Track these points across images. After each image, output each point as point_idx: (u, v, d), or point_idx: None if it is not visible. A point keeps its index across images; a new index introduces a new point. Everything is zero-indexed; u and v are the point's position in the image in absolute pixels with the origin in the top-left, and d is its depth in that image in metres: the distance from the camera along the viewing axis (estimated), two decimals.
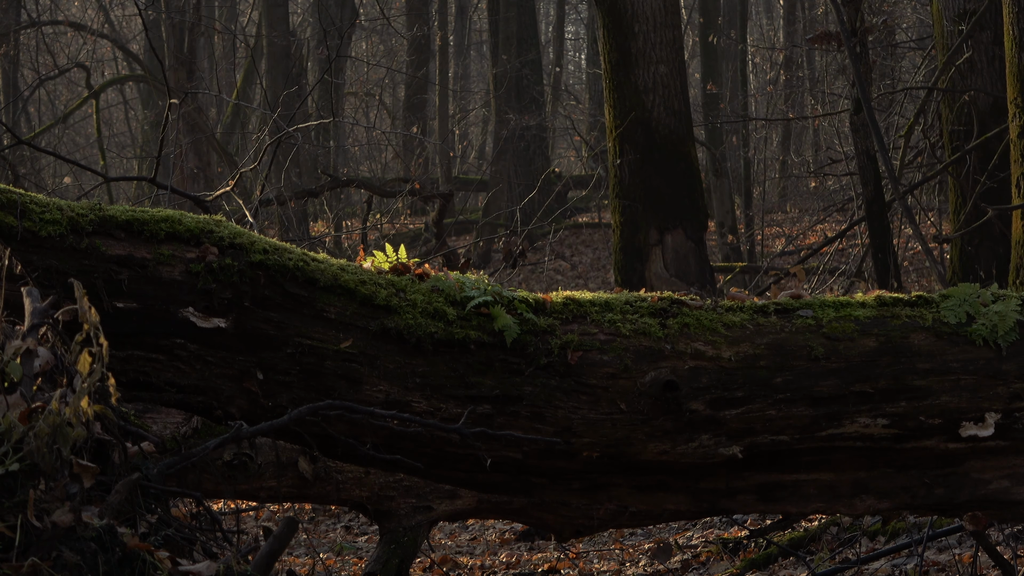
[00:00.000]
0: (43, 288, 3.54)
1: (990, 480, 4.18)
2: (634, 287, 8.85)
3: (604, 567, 7.50)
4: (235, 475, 4.85)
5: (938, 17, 11.04)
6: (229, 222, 3.85)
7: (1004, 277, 8.62)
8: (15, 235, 3.58)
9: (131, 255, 3.67)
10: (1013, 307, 4.10)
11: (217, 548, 3.38)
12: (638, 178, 10.84)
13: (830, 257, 14.84)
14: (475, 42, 29.52)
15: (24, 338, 3.27)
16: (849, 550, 6.92)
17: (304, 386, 3.74)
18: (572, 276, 19.55)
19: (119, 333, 3.55)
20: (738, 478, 4.05)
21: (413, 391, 3.78)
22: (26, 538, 2.87)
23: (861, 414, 3.99)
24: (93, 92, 19.37)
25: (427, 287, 3.89)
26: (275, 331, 3.72)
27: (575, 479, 4.07)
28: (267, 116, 10.31)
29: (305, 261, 3.79)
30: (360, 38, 27.36)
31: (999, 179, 10.36)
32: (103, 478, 3.18)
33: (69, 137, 24.07)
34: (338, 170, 21.50)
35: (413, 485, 5.19)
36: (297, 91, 18.01)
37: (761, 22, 30.03)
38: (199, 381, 3.72)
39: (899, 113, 13.97)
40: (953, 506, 4.24)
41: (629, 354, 3.93)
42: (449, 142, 23.85)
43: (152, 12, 18.29)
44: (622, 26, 10.96)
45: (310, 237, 16.14)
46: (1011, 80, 7.64)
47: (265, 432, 3.59)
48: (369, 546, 8.36)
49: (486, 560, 7.88)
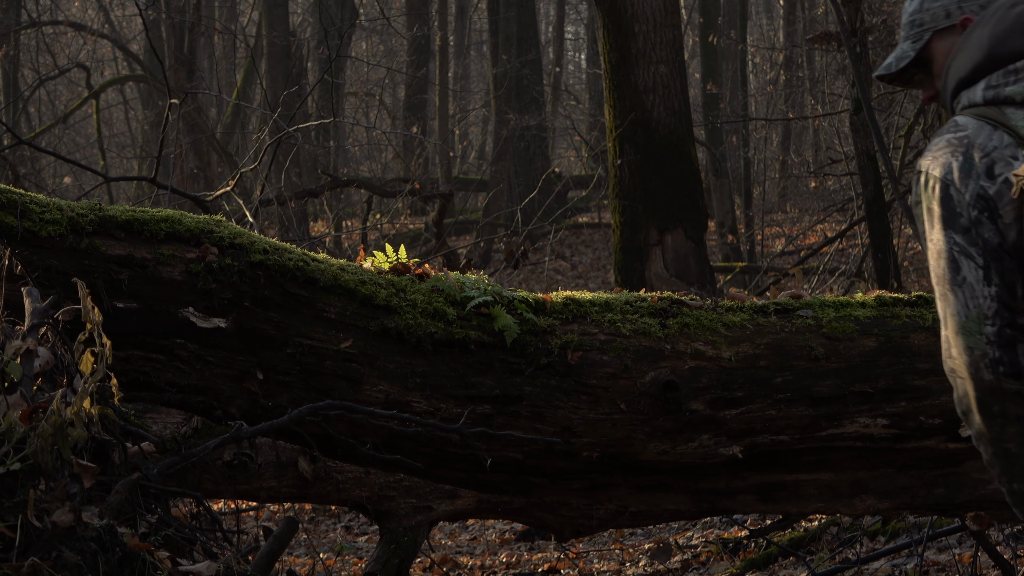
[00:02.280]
0: (43, 288, 3.54)
1: (990, 480, 4.18)
2: (634, 287, 8.86)
3: (604, 567, 7.50)
4: (235, 475, 4.85)
5: None
6: (229, 222, 3.85)
7: None
8: (15, 235, 3.58)
9: (131, 255, 3.67)
10: None
11: (217, 548, 3.39)
12: (638, 178, 10.84)
13: (830, 257, 14.85)
14: (475, 42, 29.53)
15: (24, 338, 3.27)
16: (849, 550, 6.93)
17: (304, 386, 3.74)
18: (572, 276, 19.55)
19: (119, 333, 3.55)
20: (738, 478, 4.05)
21: (413, 391, 3.78)
22: (26, 538, 2.87)
23: (861, 414, 3.99)
24: (93, 92, 19.38)
25: (427, 287, 3.89)
26: (275, 331, 3.72)
27: (575, 479, 4.07)
28: (267, 116, 10.32)
29: (305, 261, 3.79)
30: (360, 38, 27.38)
31: None
32: (103, 478, 3.19)
33: (69, 137, 24.07)
34: (338, 170, 21.51)
35: (413, 485, 5.19)
36: (297, 91, 18.00)
37: (761, 22, 30.03)
38: (199, 381, 3.72)
39: (899, 113, 13.97)
40: (953, 506, 4.24)
41: (629, 354, 3.93)
42: (449, 142, 23.85)
43: (152, 12, 18.30)
44: (622, 26, 10.96)
45: (310, 237, 16.14)
46: None
47: (265, 432, 3.60)
48: (369, 546, 8.36)
49: (486, 560, 7.88)
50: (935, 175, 2.83)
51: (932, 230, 2.82)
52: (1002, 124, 2.83)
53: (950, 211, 2.80)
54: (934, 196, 2.82)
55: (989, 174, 2.80)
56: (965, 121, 2.87)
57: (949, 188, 2.80)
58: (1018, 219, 2.77)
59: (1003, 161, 2.80)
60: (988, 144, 2.82)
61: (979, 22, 2.93)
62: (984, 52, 2.89)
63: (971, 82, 2.91)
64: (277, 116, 8.62)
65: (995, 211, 2.78)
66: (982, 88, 2.89)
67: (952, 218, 2.79)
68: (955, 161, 2.81)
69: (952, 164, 2.82)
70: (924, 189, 2.84)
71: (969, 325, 2.77)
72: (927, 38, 3.02)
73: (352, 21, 19.70)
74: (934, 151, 2.85)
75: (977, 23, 2.93)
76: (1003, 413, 2.77)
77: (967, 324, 2.76)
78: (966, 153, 2.82)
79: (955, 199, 2.80)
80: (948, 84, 2.96)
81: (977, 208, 2.79)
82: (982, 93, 2.89)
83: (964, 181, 2.80)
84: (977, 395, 2.78)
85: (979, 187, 2.79)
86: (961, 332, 2.77)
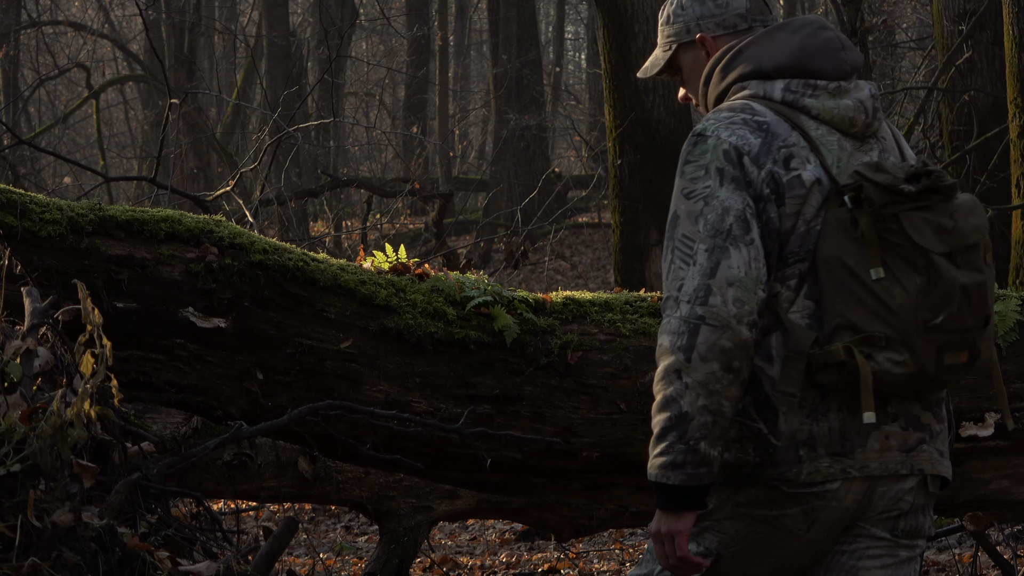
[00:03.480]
0: (43, 288, 3.54)
1: (990, 480, 4.18)
2: (634, 287, 8.86)
3: (604, 567, 7.50)
4: (235, 475, 4.85)
5: (938, 17, 11.04)
6: (229, 222, 3.85)
7: (1004, 277, 8.62)
8: (15, 235, 3.58)
9: (131, 255, 3.67)
10: (1013, 307, 4.10)
11: (217, 548, 3.39)
12: (638, 178, 10.84)
13: None
14: (475, 42, 29.53)
15: (24, 338, 3.27)
16: None
17: (304, 386, 3.74)
18: (572, 276, 19.55)
19: (119, 333, 3.55)
20: None
21: (413, 391, 3.78)
22: (26, 538, 2.87)
23: None
24: (93, 92, 19.37)
25: (427, 287, 3.90)
26: (275, 331, 3.72)
27: (575, 479, 4.07)
28: (267, 116, 10.32)
29: (305, 261, 3.79)
30: (360, 38, 27.37)
31: (999, 179, 10.37)
32: (103, 478, 3.19)
33: (69, 137, 24.07)
34: (338, 170, 21.50)
35: (413, 485, 5.18)
36: (297, 91, 18.00)
37: None
38: (199, 381, 3.72)
39: (899, 113, 13.97)
40: (953, 506, 4.24)
41: (629, 354, 3.93)
42: (449, 142, 23.85)
43: (152, 12, 18.30)
44: (622, 26, 10.96)
45: (310, 237, 16.15)
46: (1011, 80, 7.64)
47: (265, 432, 3.60)
48: (369, 546, 8.36)
49: (486, 560, 7.88)
50: (731, 141, 2.99)
51: (722, 188, 2.96)
52: (798, 127, 3.03)
53: (745, 176, 2.98)
54: (728, 160, 2.98)
55: (786, 164, 2.99)
56: (763, 109, 3.05)
57: (743, 158, 2.98)
58: (796, 215, 2.98)
59: (799, 158, 3.01)
60: (788, 138, 3.02)
61: (782, 28, 3.13)
62: (792, 57, 3.08)
63: (768, 76, 3.09)
64: (277, 116, 8.62)
65: (782, 198, 2.98)
66: (781, 88, 3.07)
67: (747, 183, 2.97)
68: (755, 139, 3.00)
69: (751, 140, 2.99)
70: (713, 148, 3.00)
71: (747, 282, 2.91)
72: (673, 49, 3.25)
73: (352, 21, 19.70)
74: (726, 122, 3.03)
75: (778, 28, 3.13)
76: (739, 370, 2.90)
77: (744, 280, 2.91)
78: (766, 137, 3.01)
79: (748, 169, 2.98)
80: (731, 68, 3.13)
81: (768, 188, 2.98)
82: (781, 92, 3.07)
83: (762, 159, 2.99)
84: (728, 345, 2.88)
85: (774, 170, 2.98)
86: (736, 285, 2.90)
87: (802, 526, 3.00)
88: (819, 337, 2.97)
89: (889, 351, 2.94)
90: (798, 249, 3.00)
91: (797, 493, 2.98)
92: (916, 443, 3.05)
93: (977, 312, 2.97)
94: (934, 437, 3.08)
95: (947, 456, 3.11)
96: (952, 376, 3.00)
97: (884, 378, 2.95)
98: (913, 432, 3.04)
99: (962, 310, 2.95)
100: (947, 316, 2.93)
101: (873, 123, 3.11)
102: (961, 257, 2.96)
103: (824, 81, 3.08)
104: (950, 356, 2.96)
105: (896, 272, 2.93)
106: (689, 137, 3.06)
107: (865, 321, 2.94)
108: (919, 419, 3.05)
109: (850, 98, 3.09)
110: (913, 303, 2.92)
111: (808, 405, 2.98)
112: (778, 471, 2.98)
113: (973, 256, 2.97)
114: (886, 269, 2.93)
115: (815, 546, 3.03)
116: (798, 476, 2.98)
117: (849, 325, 2.95)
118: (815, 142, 3.03)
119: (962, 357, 2.97)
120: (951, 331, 2.94)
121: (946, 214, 2.95)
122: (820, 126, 3.06)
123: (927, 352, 2.94)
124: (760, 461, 2.98)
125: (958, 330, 2.95)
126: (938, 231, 2.94)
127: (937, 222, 2.94)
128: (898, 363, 2.94)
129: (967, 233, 2.97)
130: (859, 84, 3.12)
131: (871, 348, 2.94)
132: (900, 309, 2.92)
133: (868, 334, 2.94)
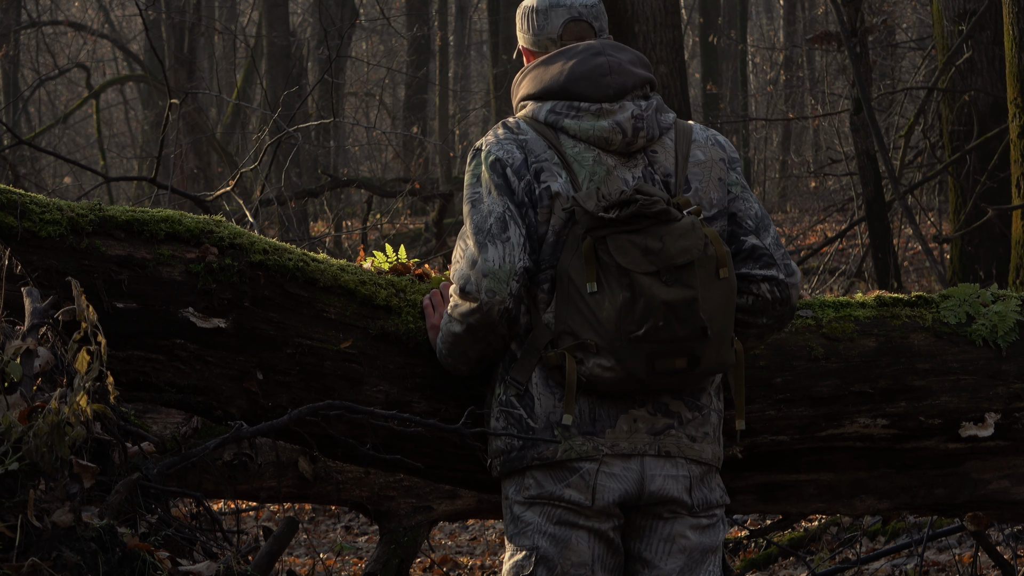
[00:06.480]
0: (43, 288, 3.54)
1: (990, 480, 4.18)
2: None
3: None
4: (235, 475, 4.84)
5: (938, 17, 11.04)
6: (229, 222, 3.85)
7: (1004, 277, 8.62)
8: (15, 235, 3.58)
9: (131, 255, 3.66)
10: (1013, 307, 4.10)
11: (217, 548, 3.39)
12: None
13: (830, 257, 14.85)
14: (475, 42, 29.52)
15: (24, 338, 3.27)
16: (849, 550, 6.93)
17: (304, 386, 3.74)
18: None
19: (119, 333, 3.55)
20: (738, 478, 4.05)
21: (413, 391, 3.78)
22: (26, 538, 2.87)
23: (861, 414, 3.99)
24: (93, 92, 19.36)
25: (427, 287, 3.90)
26: (275, 331, 3.72)
27: None
28: (267, 116, 10.32)
29: (305, 261, 3.79)
30: (360, 38, 27.38)
31: (999, 179, 10.37)
32: (103, 478, 3.18)
33: (69, 137, 24.07)
34: (338, 170, 21.51)
35: (413, 485, 5.18)
36: (297, 91, 17.99)
37: (761, 22, 30.04)
38: (199, 381, 3.72)
39: (899, 113, 13.98)
40: (953, 506, 4.24)
41: None
42: (449, 142, 23.86)
43: (152, 12, 18.29)
44: (622, 26, 10.96)
45: (310, 237, 16.15)
46: (1011, 80, 7.64)
47: (265, 432, 3.59)
48: (369, 546, 8.36)
49: (486, 560, 7.89)
50: (498, 155, 3.49)
51: (487, 195, 3.46)
52: (554, 145, 3.48)
53: (507, 185, 3.46)
54: (494, 170, 3.48)
55: (537, 176, 3.47)
56: (527, 128, 3.53)
57: (507, 169, 3.47)
58: (547, 223, 3.46)
59: (549, 172, 3.47)
60: (542, 155, 3.48)
61: (563, 53, 3.56)
62: (557, 83, 3.52)
63: (539, 98, 3.54)
64: (277, 116, 8.61)
65: (535, 205, 3.46)
66: (547, 109, 3.52)
67: (509, 191, 3.46)
68: (519, 153, 3.49)
69: (516, 154, 3.48)
70: (484, 161, 3.50)
71: (500, 274, 3.40)
72: (519, 48, 3.77)
73: (352, 21, 19.69)
74: (498, 139, 3.52)
75: (561, 53, 3.56)
76: (484, 339, 3.46)
77: (498, 272, 3.40)
78: (524, 153, 3.48)
79: (511, 179, 3.47)
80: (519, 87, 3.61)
81: (527, 196, 3.46)
82: (545, 114, 3.52)
83: (521, 171, 3.47)
84: (478, 323, 3.43)
85: (529, 182, 3.46)
86: (489, 276, 3.40)
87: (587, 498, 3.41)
88: (553, 339, 3.43)
89: (599, 357, 3.36)
90: (549, 257, 3.45)
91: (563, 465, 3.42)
92: (664, 428, 3.46)
93: (689, 324, 3.33)
94: (683, 424, 3.47)
95: (705, 440, 3.50)
96: (669, 379, 3.39)
97: (596, 380, 3.38)
98: (661, 418, 3.46)
99: (670, 323, 3.32)
100: (649, 328, 3.31)
101: (635, 141, 3.49)
102: (669, 276, 3.33)
103: (587, 104, 3.49)
104: (662, 363, 3.35)
105: (607, 287, 3.35)
106: (471, 151, 3.53)
107: (581, 329, 3.37)
108: (668, 406, 3.46)
109: (609, 119, 3.47)
110: (615, 316, 3.33)
111: (560, 391, 3.43)
112: (537, 451, 3.44)
113: (683, 274, 3.33)
114: (599, 284, 3.36)
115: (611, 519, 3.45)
116: (555, 454, 3.43)
117: (570, 332, 3.39)
118: (567, 159, 3.47)
119: (679, 363, 3.36)
120: (660, 341, 3.33)
121: (656, 237, 3.34)
122: (578, 144, 3.49)
123: (636, 359, 3.34)
124: (523, 444, 3.45)
125: (668, 340, 3.33)
126: (645, 252, 3.33)
127: (645, 244, 3.33)
128: (606, 368, 3.36)
129: (674, 255, 3.33)
130: (625, 105, 3.49)
131: (584, 353, 3.38)
132: (606, 320, 3.34)
133: (582, 341, 3.37)
